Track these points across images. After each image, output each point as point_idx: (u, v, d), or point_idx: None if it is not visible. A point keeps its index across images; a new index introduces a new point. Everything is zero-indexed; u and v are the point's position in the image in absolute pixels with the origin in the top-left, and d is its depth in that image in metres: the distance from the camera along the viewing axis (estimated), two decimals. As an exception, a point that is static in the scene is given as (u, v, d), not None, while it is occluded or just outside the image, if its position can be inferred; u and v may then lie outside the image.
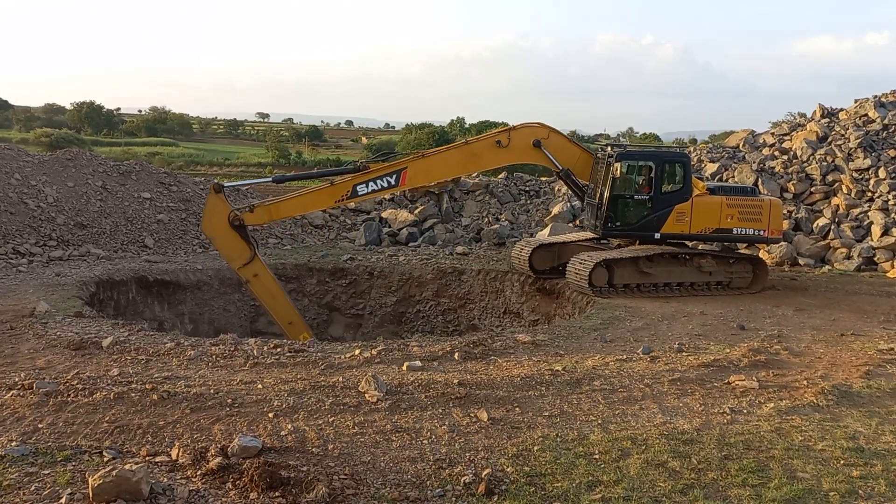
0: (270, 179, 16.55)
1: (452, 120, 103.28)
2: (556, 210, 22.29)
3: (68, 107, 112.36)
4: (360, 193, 14.71)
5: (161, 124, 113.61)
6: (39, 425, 6.72)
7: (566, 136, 15.72)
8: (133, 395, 7.50)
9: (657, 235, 14.94)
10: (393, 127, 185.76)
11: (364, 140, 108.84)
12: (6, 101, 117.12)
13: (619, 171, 14.77)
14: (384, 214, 22.76)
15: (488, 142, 15.26)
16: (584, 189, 15.73)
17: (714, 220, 14.86)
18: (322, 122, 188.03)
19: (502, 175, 26.21)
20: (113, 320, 11.98)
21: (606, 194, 14.84)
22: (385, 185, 14.67)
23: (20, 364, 8.95)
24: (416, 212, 22.63)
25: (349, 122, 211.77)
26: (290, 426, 6.91)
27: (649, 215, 14.90)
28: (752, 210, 14.91)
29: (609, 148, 15.41)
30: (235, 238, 13.86)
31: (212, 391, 7.80)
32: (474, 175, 26.23)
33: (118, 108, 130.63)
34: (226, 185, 14.21)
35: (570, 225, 21.30)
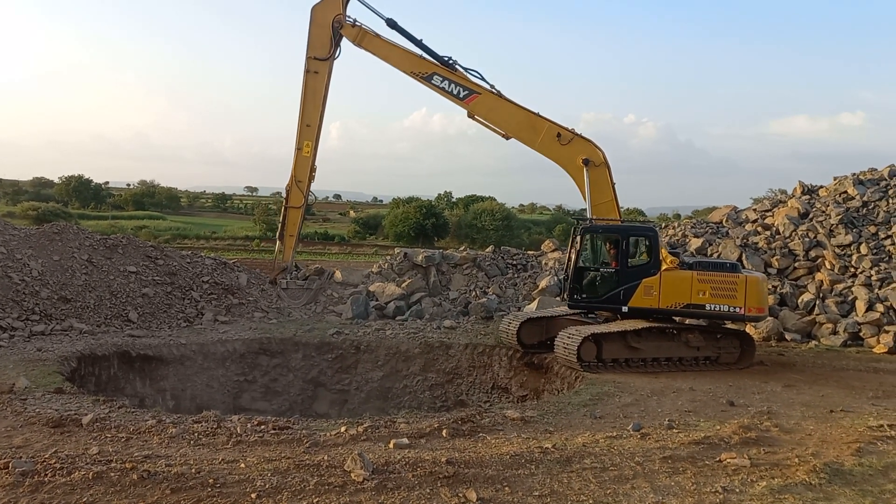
0: (385, 19, 16.99)
1: (440, 194, 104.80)
2: (543, 284, 22.36)
3: (56, 180, 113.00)
4: (432, 82, 16.38)
5: (149, 198, 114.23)
6: (13, 507, 6.50)
7: (610, 177, 16.31)
8: (112, 474, 7.29)
9: (625, 309, 15.00)
10: (381, 201, 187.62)
11: (352, 213, 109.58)
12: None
13: (584, 244, 15.04)
14: (371, 288, 22.71)
15: (553, 128, 16.28)
16: None
17: (684, 295, 14.83)
18: (310, 195, 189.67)
19: (489, 248, 26.41)
20: (94, 396, 11.71)
21: (572, 266, 15.19)
22: (455, 92, 16.25)
23: (-4, 442, 8.71)
24: (404, 285, 22.61)
25: (337, 196, 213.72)
26: (273, 507, 6.71)
27: (616, 288, 15.03)
28: (726, 286, 14.75)
29: (577, 221, 15.98)
30: (328, 34, 16.19)
31: (193, 471, 7.60)
32: (461, 248, 26.44)
33: (107, 182, 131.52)
34: None
35: (558, 299, 21.34)
